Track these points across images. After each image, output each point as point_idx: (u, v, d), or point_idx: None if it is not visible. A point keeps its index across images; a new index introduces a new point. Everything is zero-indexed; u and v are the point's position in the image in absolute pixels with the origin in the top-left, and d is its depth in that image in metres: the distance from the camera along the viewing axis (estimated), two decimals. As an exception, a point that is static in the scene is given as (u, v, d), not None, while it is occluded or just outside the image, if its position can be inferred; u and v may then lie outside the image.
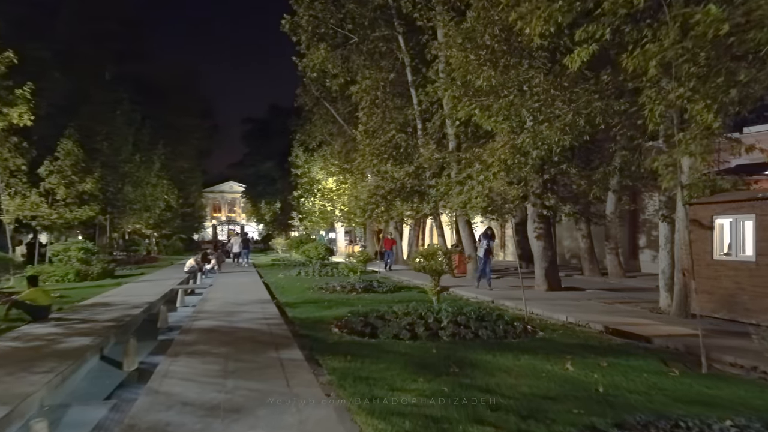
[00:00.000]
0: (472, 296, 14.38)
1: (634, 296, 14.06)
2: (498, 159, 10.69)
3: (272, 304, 12.21)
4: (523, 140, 10.79)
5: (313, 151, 37.46)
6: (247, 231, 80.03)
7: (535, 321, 10.24)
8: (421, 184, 20.57)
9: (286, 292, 15.25)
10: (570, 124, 10.16)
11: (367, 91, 20.87)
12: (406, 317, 9.03)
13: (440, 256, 9.16)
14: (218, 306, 11.78)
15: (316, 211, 36.60)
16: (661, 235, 12.18)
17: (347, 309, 11.38)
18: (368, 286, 15.42)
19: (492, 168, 10.92)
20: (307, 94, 29.38)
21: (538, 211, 16.15)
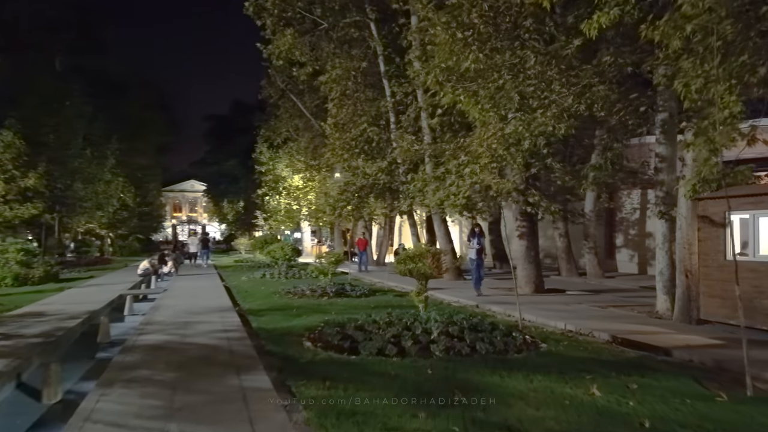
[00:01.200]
0: (453, 300, 13.28)
1: (623, 299, 13.19)
2: (488, 148, 9.58)
3: (234, 312, 10.82)
4: (515, 127, 9.73)
5: (278, 147, 35.96)
6: (209, 231, 77.47)
7: (531, 329, 9.17)
8: (394, 180, 19.42)
9: (250, 298, 13.84)
10: (568, 110, 9.13)
11: (337, 81, 19.58)
12: (389, 328, 7.81)
13: (428, 257, 7.95)
14: (171, 315, 10.32)
15: (282, 209, 35.07)
16: (658, 234, 11.30)
17: (320, 317, 10.10)
18: (340, 289, 14.16)
19: (481, 159, 9.81)
20: (273, 86, 27.87)
21: (520, 208, 15.20)
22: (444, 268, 8.03)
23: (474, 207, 17.09)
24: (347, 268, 22.46)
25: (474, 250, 13.64)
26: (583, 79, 8.96)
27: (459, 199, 15.00)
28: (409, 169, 19.26)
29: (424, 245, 8.27)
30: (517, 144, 10.07)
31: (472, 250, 13.74)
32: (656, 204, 11.26)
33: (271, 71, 27.28)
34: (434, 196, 15.85)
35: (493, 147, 9.56)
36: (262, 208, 39.66)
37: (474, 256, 13.66)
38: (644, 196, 21.69)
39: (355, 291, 14.16)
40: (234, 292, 15.54)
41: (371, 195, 18.90)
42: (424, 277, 8.10)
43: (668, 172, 11.19)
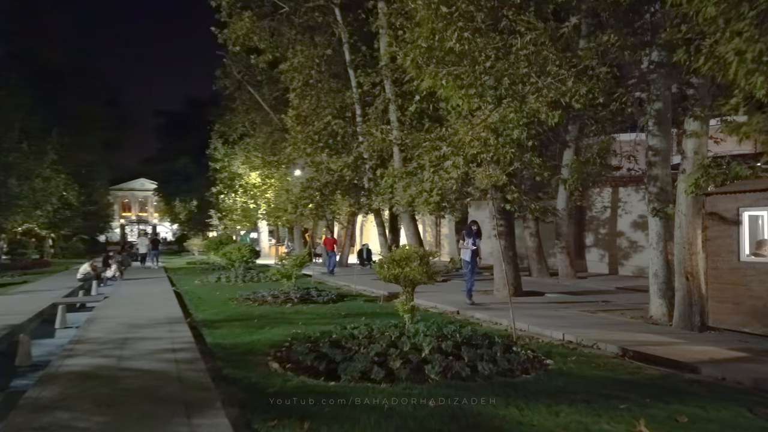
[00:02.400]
0: (429, 305, 12.20)
1: (607, 302, 12.38)
2: (477, 137, 8.50)
3: (185, 324, 9.38)
4: (505, 113, 8.68)
5: (234, 143, 34.20)
6: (159, 231, 74.42)
7: (527, 341, 8.16)
8: (360, 176, 18.22)
9: (204, 305, 12.38)
10: (567, 94, 8.14)
11: (300, 69, 18.22)
12: (372, 344, 6.61)
13: (416, 260, 6.81)
14: (110, 329, 8.82)
15: (238, 208, 33.31)
16: (651, 233, 10.48)
17: (286, 329, 8.82)
18: (305, 295, 12.87)
19: (467, 149, 8.72)
20: (228, 77, 26.18)
21: (498, 206, 14.26)
22: (435, 273, 6.89)
23: (448, 205, 16.09)
24: (309, 270, 21.12)
25: (469, 252, 12.15)
26: (584, 59, 8.00)
27: (432, 196, 13.96)
28: (376, 164, 18.11)
29: (408, 246, 7.10)
30: (505, 134, 9.03)
31: (467, 251, 12.24)
32: (649, 201, 10.44)
33: (227, 60, 25.63)
34: (405, 193, 14.76)
35: (483, 135, 8.49)
36: (216, 207, 37.71)
37: (468, 258, 12.13)
38: (615, 194, 21.21)
39: (322, 296, 12.90)
40: (186, 299, 14.02)
41: (337, 192, 17.63)
42: (412, 284, 6.94)
43: (662, 166, 10.40)
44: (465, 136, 8.70)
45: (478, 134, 8.48)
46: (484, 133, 8.48)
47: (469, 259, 12.05)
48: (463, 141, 9.10)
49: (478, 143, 8.55)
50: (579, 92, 8.12)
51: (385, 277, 6.93)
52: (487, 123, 8.39)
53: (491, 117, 8.47)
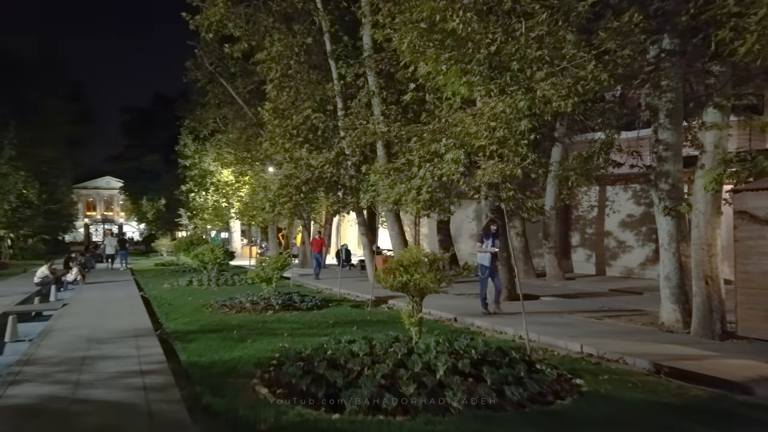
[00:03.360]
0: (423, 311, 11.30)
1: (607, 306, 11.70)
2: (486, 127, 7.63)
3: (154, 337, 8.27)
4: (515, 101, 7.82)
5: (205, 140, 32.78)
6: (126, 231, 72.01)
7: (540, 352, 7.35)
8: (343, 173, 17.21)
9: (175, 313, 11.25)
10: (586, 79, 7.33)
11: (277, 59, 17.10)
12: (378, 365, 5.67)
13: (425, 265, 5.90)
14: (66, 345, 7.67)
15: (209, 207, 31.92)
16: (662, 233, 9.78)
17: (270, 343, 7.82)
18: (287, 300, 11.84)
19: (476, 140, 7.83)
20: (200, 69, 24.83)
21: (492, 205, 13.48)
22: (448, 280, 6.00)
23: (437, 203, 15.23)
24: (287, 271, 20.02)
25: (488, 256, 10.66)
26: (606, 41, 7.20)
27: (422, 194, 13.06)
28: (359, 161, 17.15)
29: (415, 248, 6.18)
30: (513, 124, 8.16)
31: (485, 254, 10.70)
32: (660, 198, 9.74)
33: (198, 51, 24.32)
34: (392, 191, 13.84)
35: (492, 125, 7.62)
36: (186, 205, 36.17)
37: (487, 262, 10.64)
38: (602, 193, 20.69)
39: (305, 302, 11.89)
40: (154, 306, 12.84)
41: (320, 189, 16.58)
42: (421, 293, 6.03)
43: (674, 161, 9.70)
44: (470, 127, 7.81)
45: (487, 124, 7.60)
46: (493, 123, 7.61)
47: (488, 264, 10.68)
48: (468, 132, 8.23)
49: (486, 134, 7.67)
50: (599, 77, 7.32)
51: (391, 285, 5.99)
52: (496, 112, 7.52)
53: (499, 105, 7.59)
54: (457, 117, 9.06)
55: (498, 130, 7.68)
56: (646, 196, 19.01)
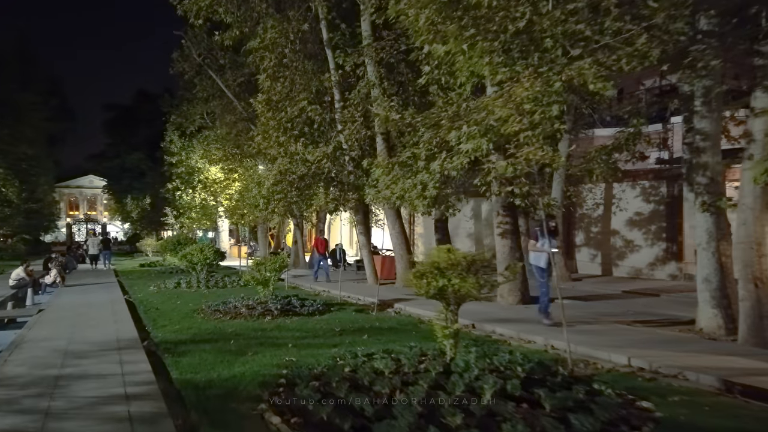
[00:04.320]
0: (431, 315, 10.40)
1: (634, 310, 10.89)
2: (517, 109, 6.73)
3: (141, 350, 7.26)
4: (549, 81, 6.94)
5: (192, 136, 31.62)
6: (110, 231, 70.34)
7: (581, 365, 6.48)
8: (341, 169, 16.27)
9: (164, 320, 10.23)
10: (635, 55, 6.47)
11: (271, 47, 16.10)
12: (411, 387, 4.75)
13: (463, 267, 4.99)
14: (39, 361, 6.65)
15: (197, 205, 30.76)
16: (699, 231, 8.97)
17: (274, 356, 6.87)
18: (287, 305, 10.85)
19: (506, 125, 6.94)
20: (187, 60, 23.70)
21: (503, 201, 12.66)
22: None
23: (443, 200, 14.34)
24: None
25: (544, 256, 9.30)
26: (659, 11, 6.33)
27: (429, 190, 12.16)
28: (359, 155, 16.22)
29: (449, 248, 5.26)
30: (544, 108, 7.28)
31: (541, 255, 9.40)
32: (697, 194, 8.92)
33: (186, 42, 23.22)
34: (396, 186, 12.92)
35: (526, 108, 6.73)
36: (172, 204, 34.94)
37: (544, 264, 9.31)
38: (609, 190, 19.94)
39: (306, 306, 10.92)
40: (140, 311, 11.80)
41: (319, 185, 15.60)
42: (460, 300, 5.12)
43: (712, 153, 8.90)
44: (500, 110, 6.91)
45: (520, 106, 6.71)
46: (527, 105, 6.71)
47: (545, 266, 9.34)
48: (498, 117, 7.33)
49: (519, 118, 6.78)
50: (649, 55, 6.46)
51: (426, 292, 5.06)
52: (531, 93, 6.63)
53: (535, 85, 6.70)
54: (481, 101, 8.18)
55: (533, 113, 6.78)
56: (656, 193, 18.30)
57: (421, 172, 11.81)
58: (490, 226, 25.93)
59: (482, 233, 26.23)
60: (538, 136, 7.09)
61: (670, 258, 17.48)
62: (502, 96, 7.27)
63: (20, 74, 38.27)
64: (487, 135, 8.04)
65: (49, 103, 43.65)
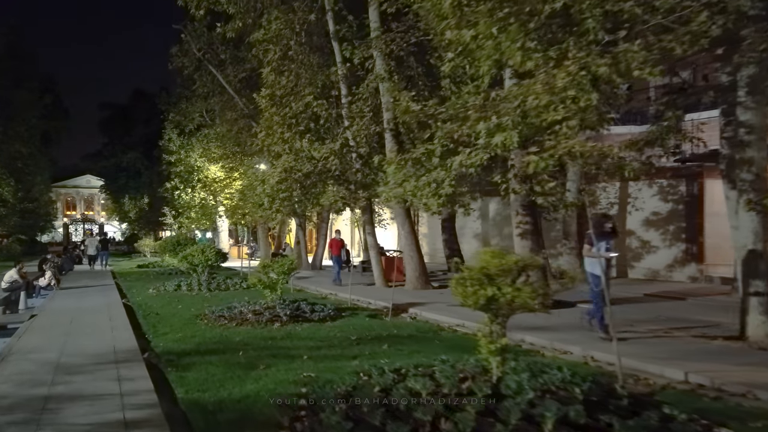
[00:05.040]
0: (453, 322, 9.75)
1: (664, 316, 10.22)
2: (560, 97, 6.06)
3: (140, 362, 6.56)
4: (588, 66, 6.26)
5: (191, 134, 30.95)
6: (107, 231, 69.59)
7: (630, 381, 5.81)
8: (349, 166, 15.59)
9: (165, 326, 9.53)
10: (695, 34, 5.80)
11: (276, 39, 15.42)
12: (458, 414, 4.07)
13: (514, 273, 4.32)
14: (25, 376, 5.95)
15: (196, 205, 30.04)
16: (743, 232, 8.29)
17: (289, 369, 6.18)
18: (296, 310, 10.16)
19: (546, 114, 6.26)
20: (187, 55, 22.99)
21: (522, 200, 12.02)
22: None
23: (457, 199, 13.68)
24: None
25: (599, 263, 7.97)
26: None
27: (444, 188, 11.49)
28: (367, 152, 15.56)
29: (498, 251, 4.58)
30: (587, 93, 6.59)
31: (594, 264, 8.13)
32: (741, 191, 8.26)
33: (185, 36, 22.53)
34: (410, 184, 12.25)
35: (569, 95, 6.06)
36: (171, 203, 34.21)
37: (599, 271, 7.98)
38: (623, 189, 19.28)
39: (316, 312, 10.23)
40: (139, 316, 11.10)
41: (329, 183, 14.89)
42: (510, 313, 4.43)
43: (757, 146, 8.23)
44: (539, 98, 6.23)
45: (563, 93, 6.03)
46: (571, 92, 6.04)
47: (601, 273, 7.99)
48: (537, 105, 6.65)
49: (561, 107, 6.10)
50: (708, 35, 5.80)
51: (474, 302, 4.38)
52: (577, 77, 5.95)
53: (579, 70, 6.02)
54: (512, 90, 7.50)
55: (577, 100, 6.10)
56: (674, 192, 17.65)
57: (436, 169, 11.18)
58: (497, 226, 25.30)
59: (489, 233, 25.57)
60: (580, 126, 6.42)
61: (690, 259, 16.82)
62: (539, 82, 6.58)
63: (13, 71, 37.41)
64: (519, 127, 7.38)
65: (43, 100, 42.84)
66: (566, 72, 6.11)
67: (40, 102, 42.05)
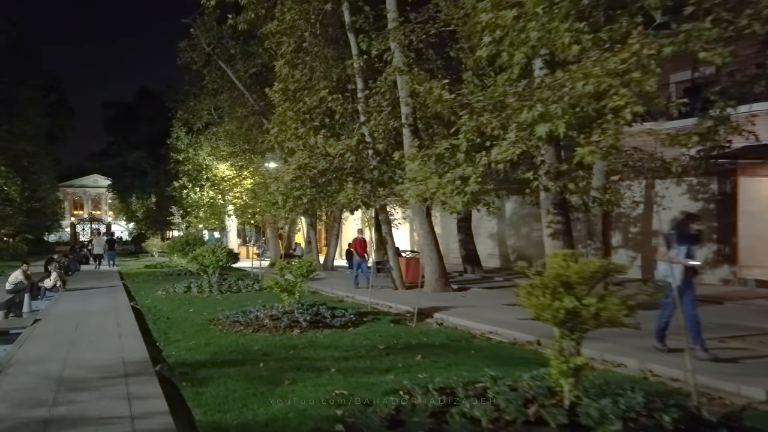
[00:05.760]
0: (485, 329, 9.07)
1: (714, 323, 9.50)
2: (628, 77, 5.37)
3: (153, 377, 5.91)
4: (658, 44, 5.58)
5: (199, 132, 30.40)
6: (114, 230, 69.32)
7: (704, 399, 5.12)
8: (364, 163, 14.91)
9: (176, 333, 8.88)
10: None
11: (290, 31, 14.77)
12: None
13: (596, 280, 3.64)
14: (24, 394, 5.31)
15: (205, 204, 29.46)
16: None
17: (318, 386, 5.52)
18: (315, 315, 9.50)
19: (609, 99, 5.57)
20: (196, 50, 22.39)
21: (554, 198, 11.34)
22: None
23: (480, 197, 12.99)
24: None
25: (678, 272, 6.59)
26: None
27: (470, 185, 10.80)
28: (385, 148, 14.89)
29: (566, 252, 3.90)
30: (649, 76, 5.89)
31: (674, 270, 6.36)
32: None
33: (194, 30, 21.92)
34: (432, 181, 11.57)
35: (635, 77, 5.37)
36: (179, 202, 33.65)
37: (679, 279, 6.54)
38: (650, 188, 18.52)
39: (336, 317, 9.56)
40: (148, 320, 10.47)
41: (348, 180, 14.21)
42: (590, 328, 3.75)
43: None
44: (600, 80, 5.54)
45: (627, 74, 5.34)
46: (636, 74, 5.34)
47: (682, 281, 6.71)
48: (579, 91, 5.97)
49: (622, 90, 5.41)
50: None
51: (553, 316, 3.69)
52: (645, 56, 5.26)
53: (644, 50, 5.33)
54: (561, 75, 6.80)
55: (643, 83, 5.41)
56: (705, 191, 16.90)
57: (462, 165, 10.54)
58: (514, 226, 24.57)
59: (505, 233, 24.86)
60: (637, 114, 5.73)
61: (722, 261, 16.07)
62: (588, 67, 5.89)
63: (16, 68, 36.91)
64: (567, 116, 6.69)
65: (48, 98, 42.37)
66: (630, 52, 5.42)
67: (44, 100, 41.59)
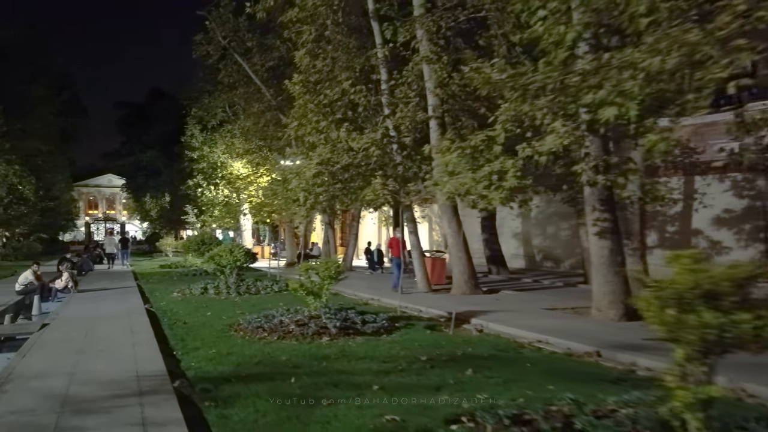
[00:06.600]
0: (531, 337, 8.21)
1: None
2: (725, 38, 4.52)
3: (171, 396, 5.12)
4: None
5: (213, 130, 29.84)
6: (129, 230, 69.24)
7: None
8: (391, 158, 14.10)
9: (195, 340, 8.12)
10: None
11: (311, 19, 14.02)
12: None
13: (745, 290, 2.80)
14: (23, 416, 4.55)
15: (220, 202, 28.85)
16: None
17: (364, 408, 4.71)
18: (344, 320, 8.69)
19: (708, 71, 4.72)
20: (211, 43, 21.73)
21: (600, 194, 10.50)
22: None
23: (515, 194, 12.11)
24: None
25: None
26: None
27: (507, 180, 9.94)
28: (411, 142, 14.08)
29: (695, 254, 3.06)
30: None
31: None
32: None
33: (210, 23, 21.27)
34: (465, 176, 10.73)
35: (740, 44, 4.51)
36: (194, 201, 33.08)
37: None
38: (689, 184, 17.52)
39: (367, 323, 8.74)
40: (164, 325, 9.74)
41: (376, 174, 13.41)
42: (731, 349, 2.92)
43: None
44: (694, 48, 4.68)
45: (731, 41, 4.48)
46: (741, 40, 4.49)
47: None
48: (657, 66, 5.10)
49: (724, 60, 4.55)
50: None
51: (699, 337, 2.83)
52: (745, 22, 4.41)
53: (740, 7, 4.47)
54: (630, 51, 5.93)
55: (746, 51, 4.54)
56: (751, 188, 15.88)
57: (500, 158, 9.73)
58: (540, 225, 23.64)
59: (531, 233, 23.96)
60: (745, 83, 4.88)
61: (771, 260, 15.05)
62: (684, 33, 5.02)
63: (28, 66, 36.54)
64: (641, 96, 5.82)
65: (60, 97, 42.06)
66: (733, 14, 4.55)
67: (57, 98, 41.29)
